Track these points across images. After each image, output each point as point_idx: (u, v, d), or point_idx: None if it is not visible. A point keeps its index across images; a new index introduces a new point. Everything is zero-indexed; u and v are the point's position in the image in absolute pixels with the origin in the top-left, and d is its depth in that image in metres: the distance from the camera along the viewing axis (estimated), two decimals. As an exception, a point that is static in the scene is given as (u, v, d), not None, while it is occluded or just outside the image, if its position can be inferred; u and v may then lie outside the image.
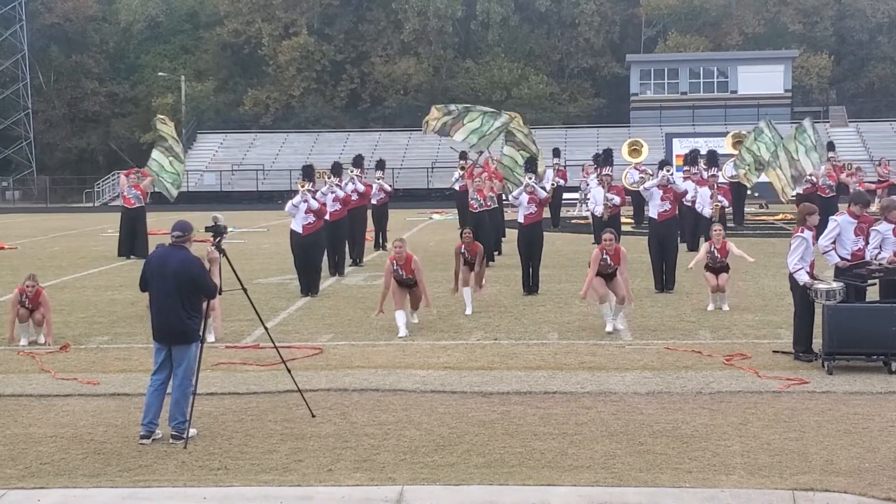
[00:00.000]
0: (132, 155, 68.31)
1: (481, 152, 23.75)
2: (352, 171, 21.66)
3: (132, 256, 22.99)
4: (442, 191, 46.28)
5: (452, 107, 21.65)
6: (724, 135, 37.56)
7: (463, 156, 29.13)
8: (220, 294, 9.45)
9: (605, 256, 13.23)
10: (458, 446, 8.35)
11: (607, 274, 13.26)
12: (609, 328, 13.15)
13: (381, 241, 24.62)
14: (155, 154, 23.88)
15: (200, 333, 8.87)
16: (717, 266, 14.82)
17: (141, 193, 24.03)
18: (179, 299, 8.61)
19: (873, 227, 11.85)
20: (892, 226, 11.67)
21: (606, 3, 66.48)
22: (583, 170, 33.56)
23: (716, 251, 14.79)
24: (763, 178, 23.95)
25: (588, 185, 28.87)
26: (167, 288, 8.63)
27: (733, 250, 14.91)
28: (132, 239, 23.59)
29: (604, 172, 19.34)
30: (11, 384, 10.85)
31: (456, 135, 20.73)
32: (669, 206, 16.98)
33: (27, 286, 13.30)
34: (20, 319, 13.28)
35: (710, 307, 14.72)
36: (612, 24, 67.68)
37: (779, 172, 20.20)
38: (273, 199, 49.53)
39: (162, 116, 25.33)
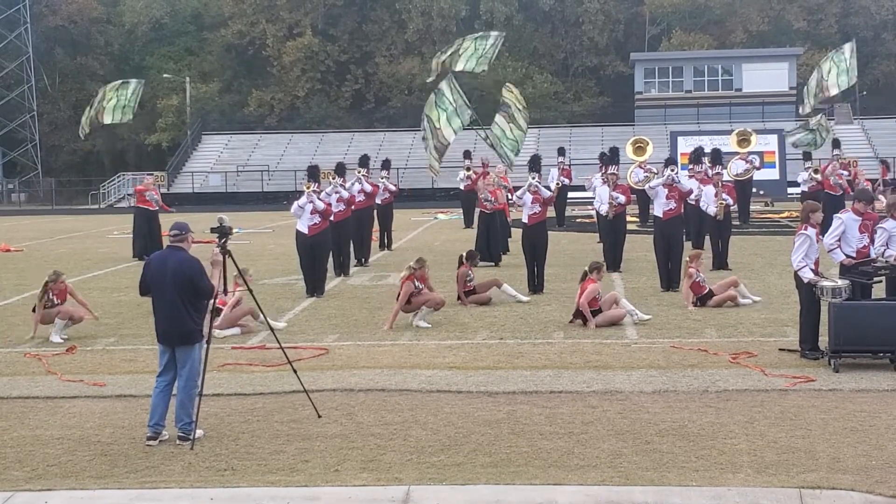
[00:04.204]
0: (137, 157, 68.46)
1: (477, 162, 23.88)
2: (358, 172, 21.66)
3: (146, 257, 22.98)
4: (447, 190, 46.25)
5: (522, 121, 20.97)
6: (728, 133, 37.46)
7: (467, 155, 29.18)
8: (225, 294, 9.47)
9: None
10: (464, 446, 8.36)
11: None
12: (645, 317, 13.61)
13: (386, 241, 24.60)
14: (497, 119, 22.56)
15: (204, 334, 8.88)
16: (705, 294, 14.83)
17: (158, 198, 24.21)
18: (180, 300, 8.62)
19: (879, 225, 11.85)
20: (899, 223, 11.69)
21: (610, 1, 66.37)
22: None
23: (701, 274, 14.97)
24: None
25: (593, 183, 28.85)
26: (168, 289, 8.65)
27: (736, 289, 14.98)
28: (150, 240, 23.53)
29: (609, 171, 19.29)
30: (18, 386, 10.88)
31: (497, 117, 20.62)
32: (674, 205, 16.96)
33: (52, 282, 13.55)
34: (43, 321, 13.48)
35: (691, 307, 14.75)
36: (617, 22, 67.59)
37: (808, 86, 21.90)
38: (278, 200, 49.54)
39: (509, 85, 24.08)
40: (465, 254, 16.10)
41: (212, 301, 9.10)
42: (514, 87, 22.09)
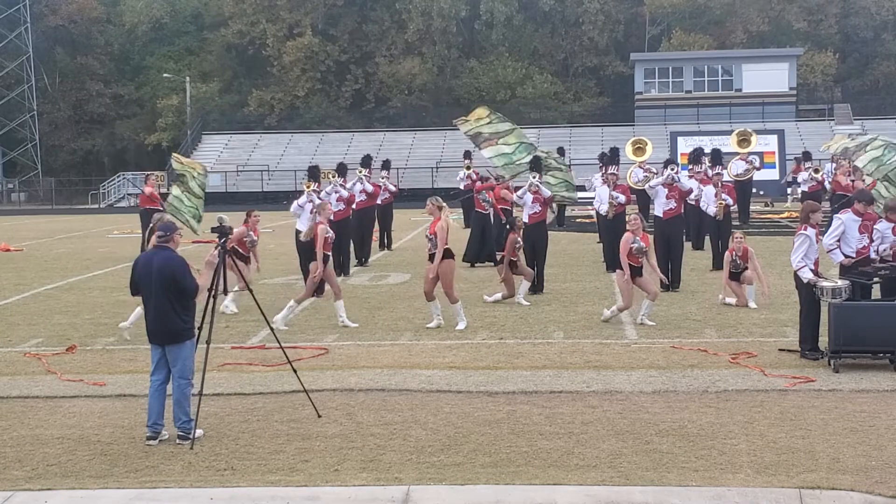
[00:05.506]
0: (137, 157, 68.46)
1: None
2: (360, 172, 21.66)
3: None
4: (447, 190, 46.22)
5: (501, 125, 18.42)
6: (728, 133, 37.49)
7: (467, 155, 29.17)
8: (225, 294, 9.47)
9: (636, 240, 13.55)
10: (464, 446, 8.35)
11: (636, 267, 13.58)
12: (649, 322, 13.55)
13: (386, 241, 24.59)
14: (174, 191, 21.15)
15: (196, 331, 8.87)
16: (739, 271, 14.92)
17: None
18: (167, 299, 8.63)
19: (874, 226, 11.87)
20: (892, 225, 11.75)
21: (610, 1, 66.35)
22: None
23: (737, 258, 14.86)
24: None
25: (593, 183, 28.88)
26: (155, 289, 8.67)
27: (755, 260, 15.05)
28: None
29: (609, 171, 19.31)
30: (18, 386, 10.88)
31: (485, 151, 19.00)
32: (674, 205, 16.97)
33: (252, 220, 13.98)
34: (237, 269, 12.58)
35: (728, 300, 14.87)
36: (617, 22, 67.58)
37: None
38: (278, 200, 49.49)
39: (176, 155, 22.93)
40: (508, 224, 16.28)
41: (209, 301, 9.09)
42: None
